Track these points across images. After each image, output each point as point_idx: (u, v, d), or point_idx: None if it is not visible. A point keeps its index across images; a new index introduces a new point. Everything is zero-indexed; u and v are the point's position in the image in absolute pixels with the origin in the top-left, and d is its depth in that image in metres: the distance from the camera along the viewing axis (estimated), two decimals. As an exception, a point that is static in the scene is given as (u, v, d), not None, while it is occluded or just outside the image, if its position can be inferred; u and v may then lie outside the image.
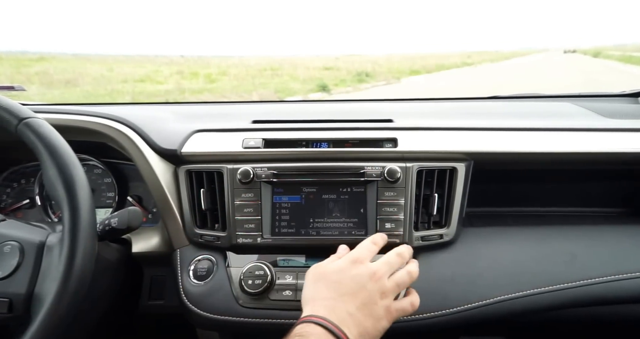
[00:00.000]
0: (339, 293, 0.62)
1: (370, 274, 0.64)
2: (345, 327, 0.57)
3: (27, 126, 0.65)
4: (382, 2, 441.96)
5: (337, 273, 0.65)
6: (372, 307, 0.62)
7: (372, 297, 0.62)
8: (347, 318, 0.59)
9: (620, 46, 63.37)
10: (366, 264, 0.66)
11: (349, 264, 0.66)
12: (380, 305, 0.62)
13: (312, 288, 0.65)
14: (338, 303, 0.60)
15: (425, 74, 20.77)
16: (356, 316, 0.60)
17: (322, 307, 0.60)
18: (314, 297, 0.63)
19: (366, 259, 0.68)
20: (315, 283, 0.65)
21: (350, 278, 0.64)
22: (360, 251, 0.70)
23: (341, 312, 0.59)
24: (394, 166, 0.82)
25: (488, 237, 0.88)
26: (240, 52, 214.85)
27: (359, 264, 0.66)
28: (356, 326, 0.59)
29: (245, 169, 0.83)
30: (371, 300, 0.62)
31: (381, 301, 0.63)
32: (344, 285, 0.63)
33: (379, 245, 0.73)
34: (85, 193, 0.63)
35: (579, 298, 0.81)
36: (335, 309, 0.59)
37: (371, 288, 0.63)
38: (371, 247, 0.71)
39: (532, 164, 0.91)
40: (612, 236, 0.88)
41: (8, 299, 0.63)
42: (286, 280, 0.81)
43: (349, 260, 0.67)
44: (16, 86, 1.19)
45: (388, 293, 0.64)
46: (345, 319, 0.58)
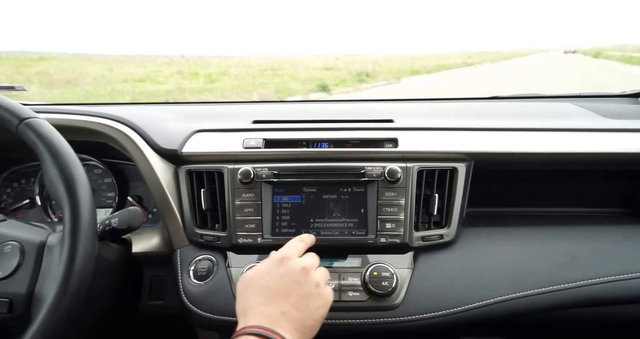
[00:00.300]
0: (269, 296, 0.61)
1: (300, 268, 0.64)
2: (278, 328, 0.56)
3: (28, 126, 0.66)
4: (382, 2, 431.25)
5: (265, 276, 0.64)
6: (308, 298, 0.62)
7: (306, 288, 0.62)
8: (280, 318, 0.58)
9: (621, 47, 63.36)
10: (294, 260, 0.66)
11: (275, 265, 0.65)
12: (315, 294, 0.63)
13: (243, 298, 0.63)
14: (269, 307, 0.60)
15: (425, 74, 20.77)
16: (291, 312, 0.59)
17: (253, 315, 0.59)
18: (244, 307, 0.61)
19: (293, 255, 0.67)
20: (245, 292, 0.64)
21: (279, 277, 0.63)
22: (287, 248, 0.69)
23: (273, 314, 0.58)
24: (395, 166, 0.82)
25: (488, 238, 0.88)
26: (241, 52, 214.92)
27: (286, 261, 0.66)
28: (291, 323, 0.58)
29: (245, 169, 0.83)
30: (306, 293, 0.62)
31: (316, 289, 0.63)
32: (273, 287, 0.62)
33: (307, 243, 0.73)
34: (85, 193, 0.63)
35: (579, 298, 0.81)
36: (267, 314, 0.59)
37: (303, 281, 0.63)
38: (298, 244, 0.71)
39: (532, 165, 0.91)
40: (612, 237, 0.88)
41: (8, 299, 0.63)
42: (286, 280, 0.81)
43: (275, 259, 0.66)
44: (17, 86, 1.19)
45: (320, 282, 0.64)
46: (278, 320, 0.58)
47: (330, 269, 0.82)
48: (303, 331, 0.59)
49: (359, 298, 0.79)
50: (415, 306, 0.79)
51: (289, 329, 0.57)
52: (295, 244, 0.71)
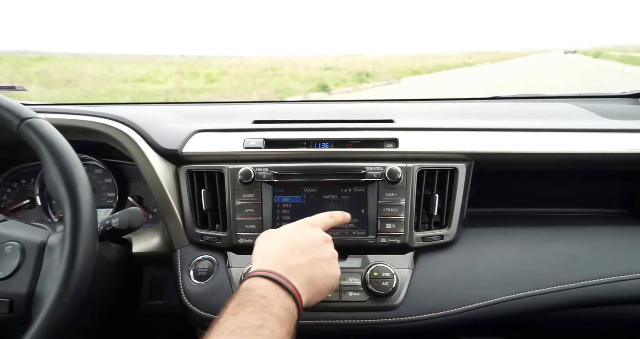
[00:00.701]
0: (289, 248, 0.63)
1: (323, 236, 0.67)
2: (291, 277, 0.58)
3: (29, 126, 0.66)
4: (382, 3, 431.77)
5: (290, 232, 0.67)
6: (324, 263, 0.63)
7: (325, 254, 0.65)
8: (294, 268, 0.59)
9: (621, 47, 63.38)
10: (319, 229, 0.69)
11: (300, 226, 0.69)
12: (332, 263, 0.65)
13: (263, 244, 0.65)
14: (287, 256, 0.61)
15: (425, 74, 20.77)
16: (306, 267, 0.60)
17: (269, 260, 0.60)
18: (263, 253, 0.63)
19: (318, 225, 0.70)
20: (266, 242, 0.65)
21: (303, 236, 0.66)
22: (316, 217, 0.72)
23: (290, 263, 0.60)
24: (395, 167, 0.82)
25: (488, 238, 0.89)
26: (241, 52, 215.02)
27: (311, 226, 0.69)
28: (304, 275, 0.59)
29: (246, 169, 0.83)
30: (324, 258, 0.64)
31: (333, 259, 0.65)
32: (295, 241, 0.64)
33: (337, 220, 0.75)
34: (86, 194, 0.63)
35: (579, 298, 0.81)
36: (283, 261, 0.60)
37: (324, 247, 0.65)
38: (328, 219, 0.73)
39: (532, 165, 0.92)
40: (612, 237, 0.89)
41: (9, 299, 0.63)
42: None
43: (302, 223, 0.70)
44: (17, 86, 1.19)
45: (336, 256, 0.67)
46: (292, 269, 0.59)
47: (331, 269, 0.82)
48: (312, 290, 0.60)
49: (359, 298, 0.79)
50: (416, 306, 0.79)
51: (301, 280, 0.59)
52: (325, 217, 0.73)
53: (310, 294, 0.60)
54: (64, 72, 15.17)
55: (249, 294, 0.54)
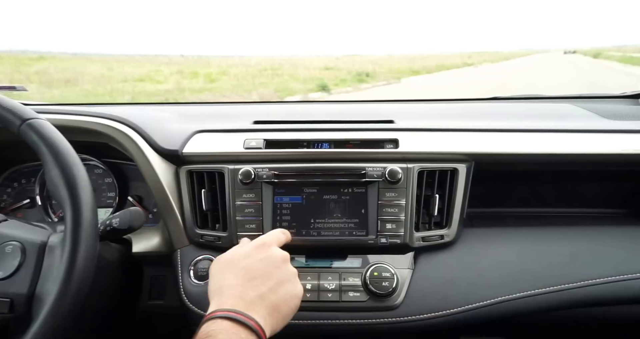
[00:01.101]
0: (247, 278, 0.60)
1: (282, 256, 0.65)
2: (252, 312, 0.56)
3: (30, 126, 0.66)
4: (382, 3, 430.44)
5: (245, 259, 0.64)
6: (286, 284, 0.62)
7: (286, 277, 0.63)
8: (256, 301, 0.57)
9: (621, 47, 63.40)
10: (274, 247, 0.67)
11: (256, 249, 0.66)
12: (294, 282, 0.63)
13: (219, 277, 0.63)
14: (247, 288, 0.59)
15: (425, 74, 20.78)
16: (267, 296, 0.59)
17: (229, 297, 0.58)
18: (220, 288, 0.60)
19: (274, 243, 0.68)
20: (221, 272, 0.63)
21: (260, 261, 0.63)
22: (269, 236, 0.70)
23: (250, 297, 0.58)
24: (395, 167, 0.82)
25: (489, 238, 0.89)
26: (241, 51, 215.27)
27: (267, 247, 0.66)
28: (265, 306, 0.58)
29: (246, 169, 0.83)
30: (285, 279, 0.62)
31: (294, 279, 0.64)
32: (253, 269, 0.62)
33: (287, 237, 0.74)
34: (87, 194, 0.63)
35: (579, 298, 0.81)
36: (243, 296, 0.58)
37: (285, 268, 0.64)
38: (280, 235, 0.72)
39: (533, 165, 0.92)
40: (612, 237, 0.89)
41: (9, 299, 0.63)
42: (287, 280, 0.81)
43: (256, 245, 0.67)
44: (17, 86, 1.19)
45: (296, 275, 0.66)
46: (253, 303, 0.57)
47: (331, 269, 0.83)
48: (276, 317, 0.58)
49: (360, 298, 0.79)
50: (416, 306, 0.79)
51: (263, 313, 0.57)
52: (277, 234, 0.72)
53: (275, 322, 0.58)
54: (64, 71, 15.17)
55: None
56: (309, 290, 0.79)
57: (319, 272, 0.82)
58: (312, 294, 0.79)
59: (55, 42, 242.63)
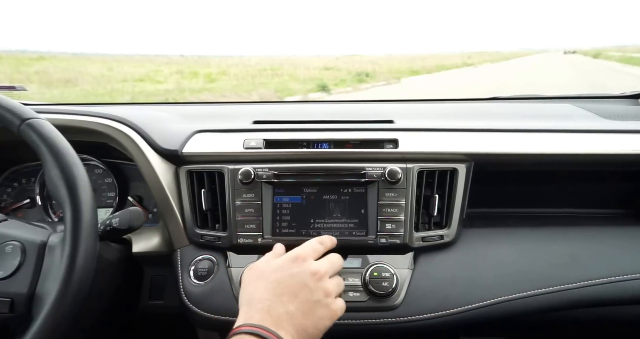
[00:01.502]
0: (276, 293, 0.59)
1: (312, 272, 0.62)
2: (281, 329, 0.55)
3: (29, 126, 0.66)
4: (382, 3, 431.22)
5: (276, 272, 0.62)
6: (315, 305, 0.59)
7: (315, 295, 0.60)
8: (284, 318, 0.56)
9: (621, 47, 63.41)
10: (308, 262, 0.64)
11: (289, 263, 0.63)
12: (323, 304, 0.60)
13: (249, 289, 0.62)
14: (275, 303, 0.58)
15: (425, 74, 20.78)
16: (295, 315, 0.57)
17: (256, 311, 0.57)
18: (250, 300, 0.60)
19: (309, 257, 0.65)
20: (253, 284, 0.62)
21: (290, 277, 0.61)
22: (304, 248, 0.67)
23: (278, 313, 0.57)
24: (395, 167, 0.82)
25: (488, 238, 0.89)
26: (240, 51, 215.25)
27: (300, 262, 0.63)
28: (294, 325, 0.56)
29: (246, 169, 0.83)
30: (314, 298, 0.60)
31: (325, 299, 0.61)
32: (283, 284, 0.60)
33: (326, 246, 0.70)
34: (87, 194, 0.64)
35: (579, 298, 0.81)
36: (271, 311, 0.57)
37: (314, 287, 0.60)
38: (317, 246, 0.68)
39: (532, 166, 0.92)
40: (612, 237, 0.89)
41: (9, 299, 0.63)
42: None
43: (290, 258, 0.64)
44: (17, 86, 1.19)
45: (331, 292, 0.62)
46: (281, 320, 0.56)
47: (331, 269, 0.83)
48: (304, 337, 0.57)
49: (359, 298, 0.79)
50: (416, 306, 0.79)
51: (291, 331, 0.56)
52: (313, 244, 0.68)
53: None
54: (64, 71, 15.17)
55: None
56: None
57: (318, 272, 0.82)
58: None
59: (55, 42, 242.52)
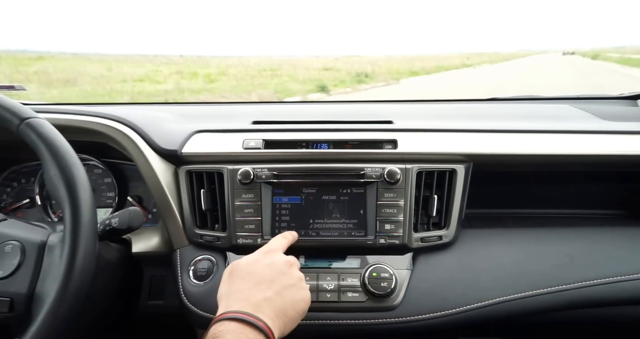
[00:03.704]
0: (254, 282, 0.62)
1: (286, 261, 0.67)
2: (260, 313, 0.57)
3: (28, 126, 0.66)
4: (382, 3, 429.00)
5: (251, 264, 0.66)
6: (291, 289, 0.63)
7: (290, 280, 0.64)
8: (263, 303, 0.59)
9: (619, 48, 63.49)
10: (279, 253, 0.70)
11: (262, 255, 0.68)
12: (299, 287, 0.65)
13: (227, 283, 0.64)
14: (253, 291, 0.60)
15: (424, 75, 20.79)
16: (273, 299, 0.60)
17: (236, 300, 0.59)
18: (228, 292, 0.62)
19: (278, 249, 0.71)
20: (229, 278, 0.65)
21: (265, 266, 0.65)
22: (273, 243, 0.73)
23: (257, 299, 0.59)
24: (394, 167, 0.82)
25: (487, 239, 0.89)
26: (240, 52, 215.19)
27: (272, 253, 0.69)
28: (273, 309, 0.59)
29: (245, 169, 0.83)
30: (290, 283, 0.64)
31: (300, 283, 0.65)
32: (258, 274, 0.63)
33: (289, 240, 0.76)
34: (86, 193, 0.64)
35: (577, 299, 0.81)
36: (249, 298, 0.59)
37: (288, 273, 0.65)
38: (282, 240, 0.75)
39: (531, 166, 0.92)
40: (610, 238, 0.89)
41: (9, 298, 0.63)
42: (286, 281, 0.81)
43: (262, 252, 0.69)
44: (16, 85, 1.19)
45: (303, 278, 0.67)
46: (260, 304, 0.58)
47: (330, 270, 0.83)
48: (283, 320, 0.59)
49: (358, 298, 0.79)
50: (414, 306, 0.79)
51: (270, 315, 0.58)
52: (279, 240, 0.75)
53: (282, 324, 0.59)
54: (63, 71, 15.16)
55: None
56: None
57: (317, 272, 0.82)
58: (311, 294, 0.79)
59: (55, 42, 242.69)
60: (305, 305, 0.64)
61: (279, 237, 0.76)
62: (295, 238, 0.79)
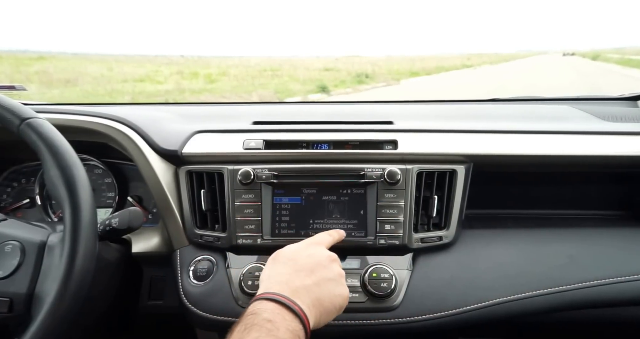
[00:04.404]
0: (294, 269, 0.63)
1: (328, 255, 0.67)
2: (297, 298, 0.57)
3: (29, 126, 0.66)
4: (382, 4, 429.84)
5: (294, 252, 0.67)
6: (330, 282, 0.63)
7: (330, 274, 0.64)
8: (301, 289, 0.59)
9: (619, 49, 63.52)
10: (323, 247, 0.70)
11: (305, 246, 0.69)
12: (339, 282, 0.65)
13: (269, 268, 0.65)
14: (293, 277, 0.61)
15: (424, 75, 20.79)
16: (312, 288, 0.60)
17: (275, 283, 0.60)
18: (269, 275, 0.63)
19: (323, 243, 0.71)
20: (272, 263, 0.66)
21: (307, 256, 0.65)
22: (318, 236, 0.73)
23: (295, 285, 0.60)
24: (394, 168, 0.82)
25: (487, 240, 0.89)
26: (240, 52, 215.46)
27: (316, 245, 0.69)
28: (310, 297, 0.59)
29: (245, 170, 0.83)
30: (329, 276, 0.64)
31: (340, 279, 0.65)
32: (300, 262, 0.64)
33: (335, 238, 0.75)
34: (86, 193, 0.64)
35: (577, 300, 0.81)
36: (289, 283, 0.60)
37: (328, 266, 0.65)
38: (327, 237, 0.74)
39: (531, 167, 0.92)
40: (610, 239, 0.89)
41: (9, 298, 0.63)
42: (286, 281, 0.81)
43: (306, 243, 0.70)
44: (17, 85, 1.19)
45: (343, 275, 0.67)
46: (298, 291, 0.59)
47: (330, 270, 0.83)
48: (319, 310, 0.60)
49: (358, 299, 0.79)
50: (414, 307, 0.79)
51: (307, 302, 0.58)
52: (324, 236, 0.74)
53: (318, 314, 0.60)
54: (64, 71, 15.17)
55: (255, 319, 0.53)
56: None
57: (317, 273, 0.82)
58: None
59: (55, 42, 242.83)
60: (342, 301, 0.64)
61: (325, 233, 0.75)
62: (342, 238, 0.78)
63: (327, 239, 0.73)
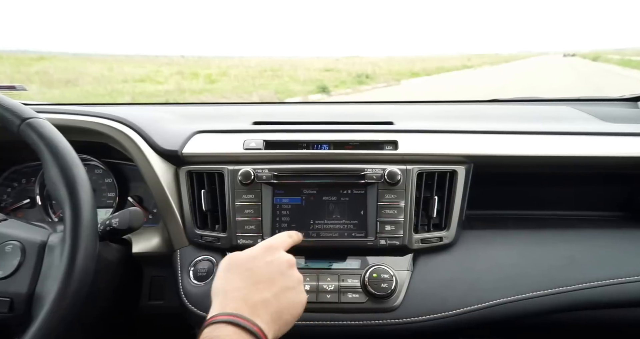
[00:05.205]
0: (252, 281, 0.59)
1: (287, 260, 0.64)
2: (256, 317, 0.55)
3: (29, 126, 0.66)
4: (382, 4, 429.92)
5: (251, 261, 0.62)
6: (289, 292, 0.60)
7: (290, 282, 0.61)
8: (259, 306, 0.56)
9: (620, 50, 63.50)
10: (281, 252, 0.65)
11: (263, 251, 0.64)
12: (298, 290, 0.62)
13: (223, 277, 0.61)
14: (251, 291, 0.58)
15: (425, 76, 20.79)
16: (271, 301, 0.58)
17: (232, 300, 0.57)
18: (224, 288, 0.59)
19: (281, 247, 0.67)
20: (227, 272, 0.62)
21: (265, 264, 0.62)
22: (276, 239, 0.69)
23: (254, 301, 0.57)
24: (395, 169, 0.82)
25: (487, 240, 0.89)
26: (241, 52, 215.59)
27: (274, 250, 0.65)
28: (269, 312, 0.56)
29: (246, 170, 0.83)
30: (289, 285, 0.61)
31: (298, 286, 0.62)
32: (257, 272, 0.60)
33: (294, 240, 0.72)
34: (86, 193, 0.64)
35: (578, 301, 0.81)
36: (246, 299, 0.57)
37: (288, 274, 0.62)
38: (287, 239, 0.70)
39: (531, 168, 0.92)
40: (610, 240, 0.89)
41: (9, 298, 0.63)
42: (286, 281, 0.81)
43: (263, 247, 0.65)
44: (17, 85, 1.19)
45: (302, 280, 0.64)
46: (257, 307, 0.56)
47: (330, 270, 0.83)
48: (279, 324, 0.57)
49: (358, 299, 0.79)
50: (414, 308, 0.79)
51: (267, 319, 0.56)
52: (283, 238, 0.70)
53: (277, 328, 0.57)
54: (64, 72, 15.19)
55: None
56: (308, 291, 0.79)
57: (318, 273, 0.82)
58: (311, 295, 0.79)
59: (56, 42, 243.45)
60: (301, 309, 0.62)
61: (284, 234, 0.71)
62: (300, 240, 0.74)
63: (286, 241, 0.69)
